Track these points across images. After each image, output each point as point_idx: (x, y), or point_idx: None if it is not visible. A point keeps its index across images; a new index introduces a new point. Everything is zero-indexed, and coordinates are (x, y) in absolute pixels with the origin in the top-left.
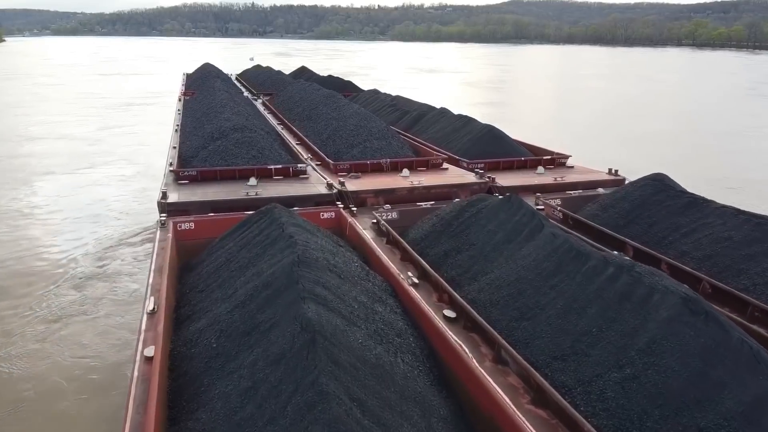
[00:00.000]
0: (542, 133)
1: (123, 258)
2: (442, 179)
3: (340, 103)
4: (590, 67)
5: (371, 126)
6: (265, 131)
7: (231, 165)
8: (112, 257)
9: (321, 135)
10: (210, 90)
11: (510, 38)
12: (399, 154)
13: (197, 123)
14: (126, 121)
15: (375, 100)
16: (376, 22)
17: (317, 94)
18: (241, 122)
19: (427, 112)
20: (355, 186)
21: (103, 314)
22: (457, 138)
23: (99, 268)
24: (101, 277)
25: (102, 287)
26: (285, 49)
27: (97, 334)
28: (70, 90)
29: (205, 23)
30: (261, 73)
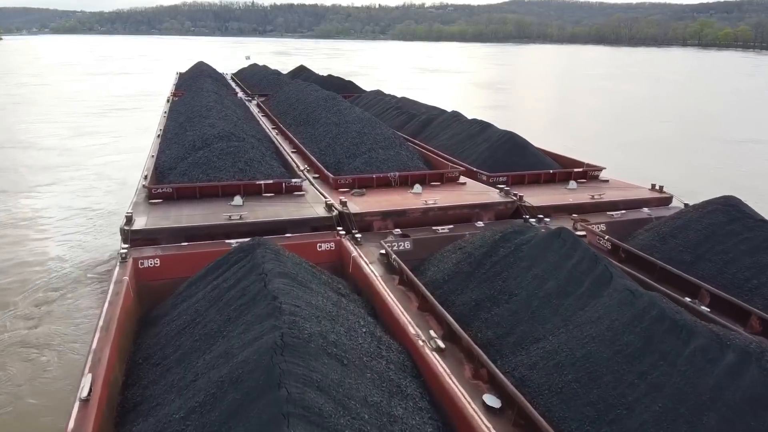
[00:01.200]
0: (560, 139)
1: (69, 306)
2: (460, 197)
3: (341, 106)
4: (598, 67)
5: (376, 132)
6: (257, 138)
7: (214, 180)
8: (57, 305)
9: (319, 142)
10: (198, 91)
11: (512, 38)
12: (409, 165)
13: (180, 129)
14: (105, 127)
15: (379, 102)
16: (377, 21)
17: (316, 95)
18: (228, 129)
19: (437, 115)
20: (359, 206)
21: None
22: (472, 146)
23: (30, 329)
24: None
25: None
26: (284, 47)
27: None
28: (52, 91)
29: (204, 22)
30: (257, 72)
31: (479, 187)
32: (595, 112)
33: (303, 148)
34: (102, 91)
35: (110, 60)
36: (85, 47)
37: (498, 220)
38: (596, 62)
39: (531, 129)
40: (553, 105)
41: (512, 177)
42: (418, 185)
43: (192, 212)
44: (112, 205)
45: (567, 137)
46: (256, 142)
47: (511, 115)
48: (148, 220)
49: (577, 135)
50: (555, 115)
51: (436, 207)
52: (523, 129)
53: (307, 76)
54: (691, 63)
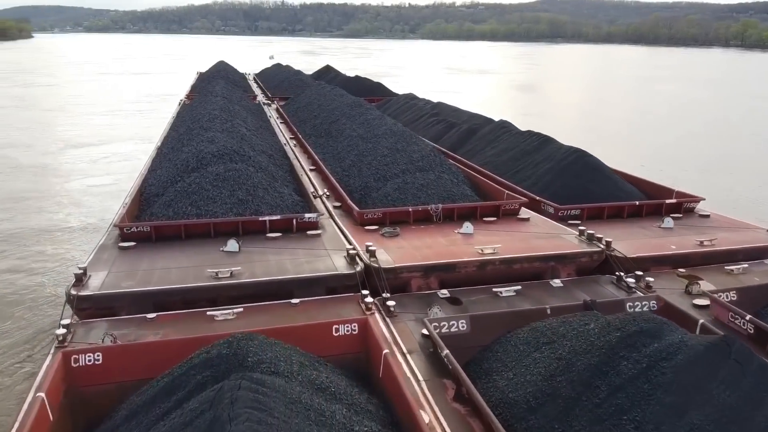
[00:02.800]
0: (621, 155)
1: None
2: (527, 242)
3: (369, 116)
4: (644, 68)
5: (412, 150)
6: (267, 154)
7: (205, 214)
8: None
9: (343, 160)
10: (206, 95)
11: (545, 37)
12: (453, 194)
13: (177, 142)
14: (101, 137)
15: (412, 108)
16: (406, 21)
17: (340, 101)
18: (230, 145)
19: (482, 125)
20: (391, 254)
21: None
22: (529, 166)
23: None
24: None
25: None
26: (312, 47)
27: None
28: (60, 93)
29: (235, 21)
30: (279, 72)
31: (547, 225)
32: (660, 123)
33: (323, 166)
34: (113, 93)
35: (132, 59)
36: (113, 46)
37: (581, 277)
38: (640, 63)
39: (585, 142)
40: (605, 111)
41: (587, 210)
42: (468, 224)
43: (170, 263)
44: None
45: (630, 153)
46: (265, 160)
47: (557, 123)
48: (107, 279)
49: (642, 150)
50: (609, 125)
51: (497, 259)
52: (574, 141)
53: (332, 77)
54: (742, 65)
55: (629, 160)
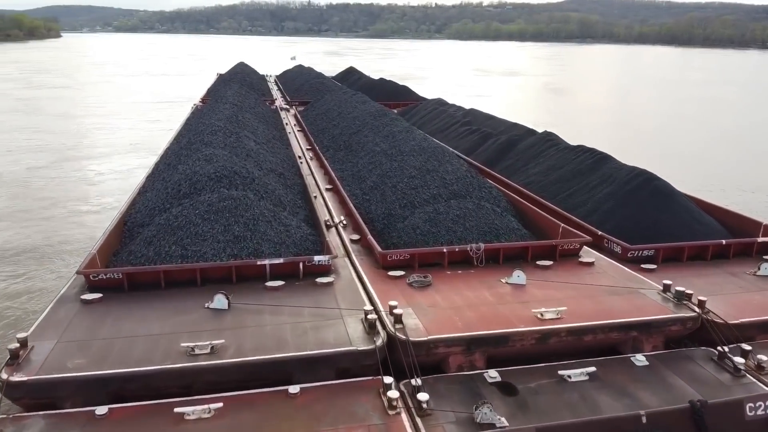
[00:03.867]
0: (680, 171)
1: None
2: (598, 301)
3: (395, 128)
4: (690, 71)
5: (445, 170)
6: (277, 173)
7: (192, 256)
8: None
9: (363, 180)
10: (216, 101)
11: (574, 37)
12: (497, 227)
13: (174, 159)
14: (100, 148)
15: (441, 115)
16: (432, 21)
17: (362, 109)
18: (230, 165)
19: (523, 137)
20: (422, 317)
21: None
22: (583, 189)
23: None
24: None
25: None
26: (336, 47)
27: None
28: (71, 96)
29: (261, 21)
30: (300, 74)
31: (618, 274)
32: (716, 134)
33: (340, 187)
34: (124, 96)
35: (154, 59)
36: (138, 46)
37: (671, 351)
38: (678, 65)
39: (629, 154)
40: (647, 119)
41: (663, 250)
42: (519, 272)
43: (138, 327)
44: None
45: (683, 169)
46: (272, 181)
47: (595, 132)
48: (53, 354)
49: (698, 166)
50: (653, 134)
51: (563, 329)
52: (618, 154)
53: (356, 78)
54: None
55: (682, 177)
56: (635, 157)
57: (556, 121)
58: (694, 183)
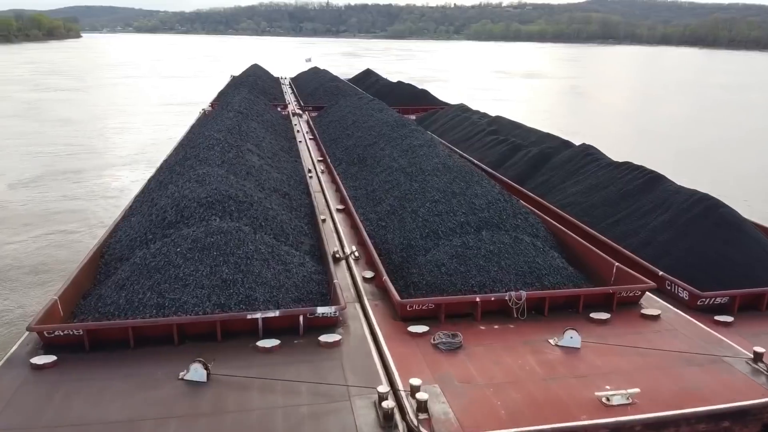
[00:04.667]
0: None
1: None
2: (672, 375)
3: (416, 141)
4: (721, 74)
5: (473, 193)
6: (281, 192)
7: (170, 304)
8: None
9: (379, 202)
10: (222, 108)
11: (596, 38)
12: (539, 267)
13: (167, 176)
14: (96, 159)
15: (464, 122)
16: (451, 21)
17: (378, 118)
18: (225, 187)
19: (557, 150)
20: (453, 398)
21: None
22: (633, 215)
23: None
24: None
25: None
26: (354, 48)
27: None
28: (77, 99)
29: (279, 22)
30: (315, 77)
31: (690, 330)
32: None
33: (353, 209)
34: (133, 99)
35: (169, 60)
36: (156, 46)
37: None
38: (707, 68)
39: (665, 166)
40: (684, 127)
41: (740, 297)
42: (572, 333)
43: (90, 411)
44: None
45: (747, 189)
46: (275, 204)
47: (625, 140)
48: None
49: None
50: (689, 143)
51: (638, 422)
52: (669, 171)
53: (372, 81)
54: None
55: (735, 196)
56: (681, 173)
57: (587, 129)
58: (756, 207)
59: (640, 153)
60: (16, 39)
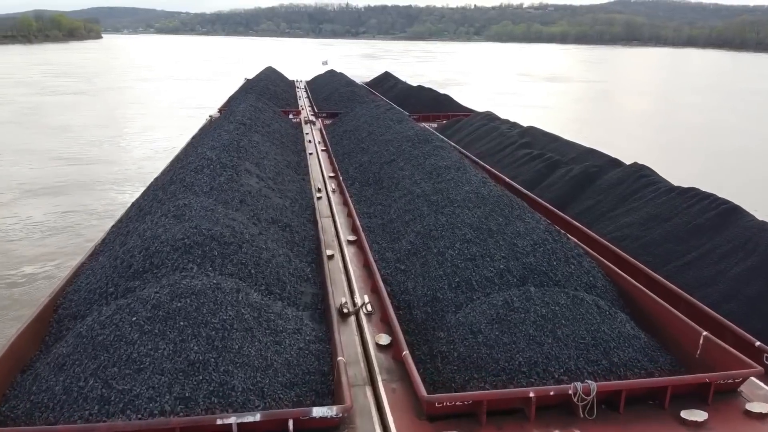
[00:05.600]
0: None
1: None
2: None
3: (441, 162)
4: (759, 80)
5: (515, 231)
6: (281, 224)
7: (117, 399)
8: None
9: (397, 237)
10: (225, 119)
11: (620, 39)
12: (606, 338)
13: (145, 206)
14: (80, 175)
15: (492, 133)
16: (471, 22)
17: (397, 130)
18: (208, 224)
19: (603, 169)
20: None
21: None
22: (707, 257)
23: None
24: None
25: None
26: (373, 50)
27: None
28: (82, 103)
29: (299, 24)
30: (332, 81)
31: None
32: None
33: (366, 245)
34: (139, 104)
35: (185, 62)
36: (174, 47)
37: None
38: (745, 72)
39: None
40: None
41: None
42: None
43: None
44: None
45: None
46: (270, 244)
47: (697, 162)
48: None
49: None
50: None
51: None
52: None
53: (391, 85)
54: None
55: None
56: (757, 203)
57: (625, 141)
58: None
59: (698, 174)
60: (35, 39)
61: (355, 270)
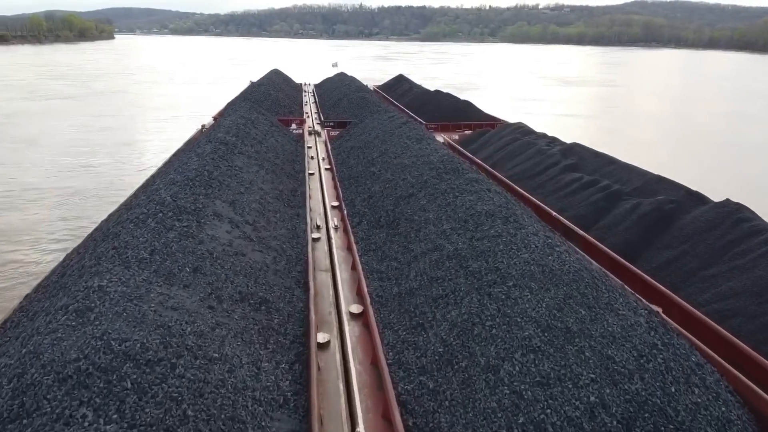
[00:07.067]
0: None
1: None
2: None
3: (480, 207)
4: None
5: (606, 332)
6: (255, 301)
7: None
8: None
9: (422, 327)
10: (208, 133)
11: (638, 41)
12: None
13: (46, 295)
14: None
15: (527, 149)
16: (486, 23)
17: (416, 152)
18: (120, 337)
19: (682, 205)
20: None
21: None
22: None
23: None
24: None
25: None
26: (386, 51)
27: None
28: (65, 110)
29: (312, 24)
30: (341, 85)
31: None
32: None
33: (376, 335)
34: (130, 109)
35: (192, 64)
36: (185, 48)
37: None
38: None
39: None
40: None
41: None
42: None
43: None
44: None
45: None
46: (231, 351)
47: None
48: None
49: None
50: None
51: None
52: None
53: (405, 89)
54: None
55: None
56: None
57: (690, 164)
58: None
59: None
60: (46, 40)
61: (358, 368)
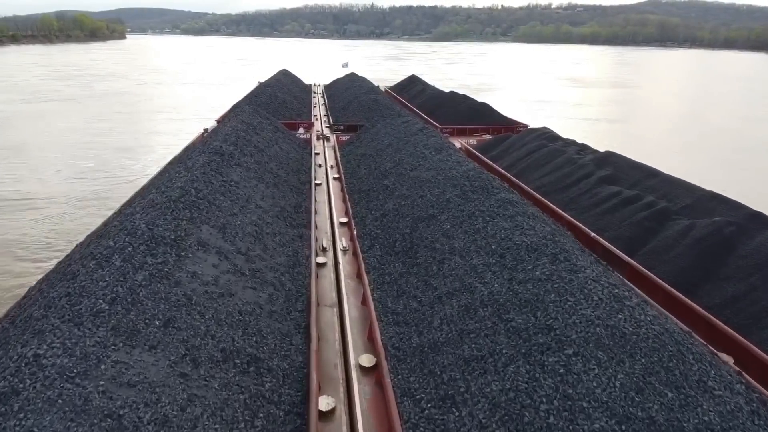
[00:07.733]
0: None
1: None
2: None
3: (520, 236)
4: None
5: (698, 427)
6: (243, 358)
7: None
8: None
9: (455, 399)
10: (204, 141)
11: (653, 41)
12: None
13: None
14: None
15: (555, 158)
16: (498, 23)
17: (435, 163)
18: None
19: (744, 228)
20: None
21: None
22: None
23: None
24: None
25: None
26: (398, 51)
27: None
28: (60, 112)
29: (324, 24)
30: (352, 86)
31: None
32: None
33: (394, 409)
34: (128, 113)
35: (201, 64)
36: (195, 48)
37: None
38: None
39: None
40: None
41: None
42: None
43: None
44: None
45: None
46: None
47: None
48: None
49: None
50: None
51: None
52: None
53: (418, 90)
54: None
55: None
56: None
57: (744, 178)
58: None
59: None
60: (56, 39)
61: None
